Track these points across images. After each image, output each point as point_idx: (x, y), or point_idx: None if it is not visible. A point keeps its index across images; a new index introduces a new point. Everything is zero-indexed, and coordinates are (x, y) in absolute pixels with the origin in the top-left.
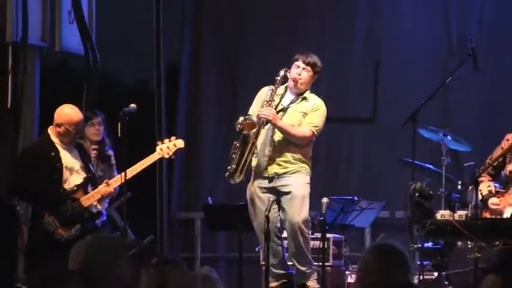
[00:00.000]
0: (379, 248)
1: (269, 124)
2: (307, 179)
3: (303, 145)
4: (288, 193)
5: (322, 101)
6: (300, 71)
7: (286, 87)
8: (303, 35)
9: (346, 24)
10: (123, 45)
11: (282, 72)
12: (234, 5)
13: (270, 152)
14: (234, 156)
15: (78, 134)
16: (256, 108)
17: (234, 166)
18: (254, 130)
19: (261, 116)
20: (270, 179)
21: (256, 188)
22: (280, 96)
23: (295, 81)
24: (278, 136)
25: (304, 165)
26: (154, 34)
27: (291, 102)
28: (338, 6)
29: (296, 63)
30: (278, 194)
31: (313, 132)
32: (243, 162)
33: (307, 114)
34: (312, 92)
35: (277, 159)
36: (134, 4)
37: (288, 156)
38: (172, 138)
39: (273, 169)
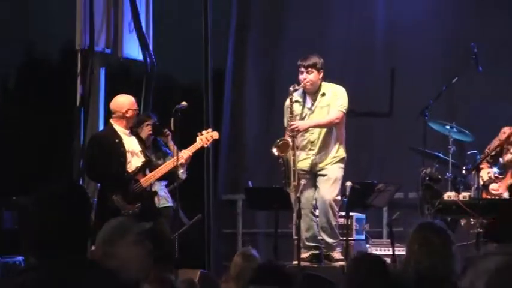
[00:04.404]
0: (423, 225)
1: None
2: (341, 164)
3: (338, 125)
4: (324, 175)
5: (338, 85)
6: (304, 75)
7: (303, 91)
8: (331, 46)
9: (367, 37)
10: (177, 51)
11: (291, 89)
12: (273, 16)
13: (313, 152)
14: (282, 169)
15: (138, 113)
16: (286, 117)
17: (286, 180)
18: (290, 145)
19: (290, 134)
20: (312, 171)
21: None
22: (301, 102)
23: (305, 85)
24: (312, 134)
25: (340, 152)
26: (203, 41)
27: (313, 103)
28: (360, 23)
29: (300, 69)
30: (315, 176)
31: (342, 111)
32: (291, 173)
33: (331, 102)
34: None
35: (318, 155)
36: (186, 16)
37: (327, 148)
38: (209, 130)
39: (316, 165)
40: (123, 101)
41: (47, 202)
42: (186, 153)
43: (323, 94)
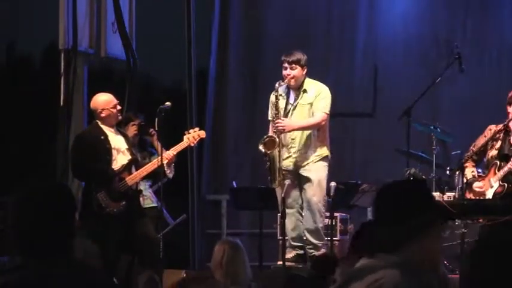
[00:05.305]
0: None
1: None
2: (325, 162)
3: (320, 128)
4: (308, 176)
5: (322, 84)
6: (288, 71)
7: (287, 86)
8: (312, 45)
9: (348, 36)
10: (160, 52)
11: (276, 85)
12: (254, 17)
13: (294, 150)
14: (267, 166)
15: (117, 110)
16: (271, 112)
17: (271, 177)
18: (276, 142)
19: (275, 130)
20: (295, 170)
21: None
22: (285, 96)
23: (289, 81)
24: (296, 134)
25: (323, 151)
26: (186, 42)
27: (296, 99)
28: (341, 21)
29: (283, 65)
30: (298, 175)
31: (326, 113)
32: (277, 169)
33: (314, 103)
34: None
35: (299, 153)
36: (169, 16)
37: (308, 146)
38: (196, 129)
39: (298, 163)
40: (99, 101)
41: (31, 201)
42: (169, 154)
43: (305, 91)
